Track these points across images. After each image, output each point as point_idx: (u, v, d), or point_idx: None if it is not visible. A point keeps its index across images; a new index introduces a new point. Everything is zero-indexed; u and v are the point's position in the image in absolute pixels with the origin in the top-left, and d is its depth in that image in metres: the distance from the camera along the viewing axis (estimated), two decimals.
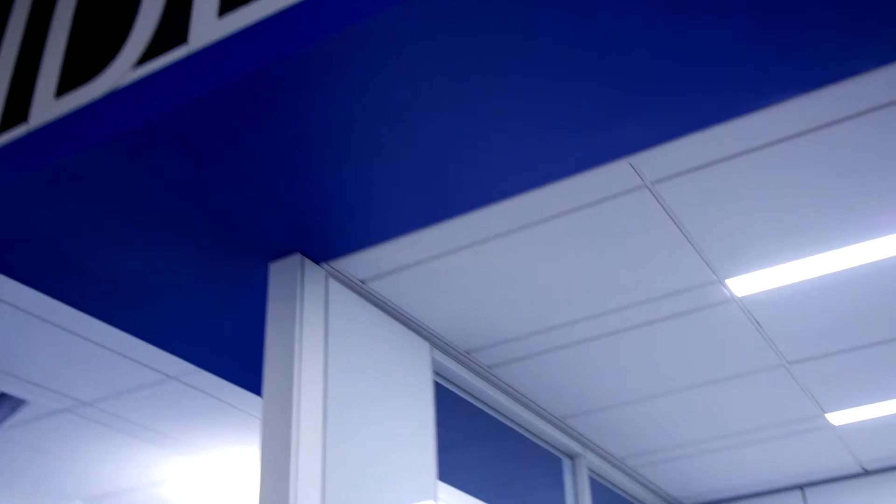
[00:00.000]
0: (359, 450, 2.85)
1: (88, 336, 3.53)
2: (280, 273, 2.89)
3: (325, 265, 2.95)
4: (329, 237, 2.83)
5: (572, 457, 4.36)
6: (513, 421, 4.01)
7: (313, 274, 2.90)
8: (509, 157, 2.51)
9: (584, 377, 3.78)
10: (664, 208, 2.81)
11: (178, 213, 2.67)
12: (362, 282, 3.07)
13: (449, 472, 4.00)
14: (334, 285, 2.98)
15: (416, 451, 3.13)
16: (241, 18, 2.28)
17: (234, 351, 3.42)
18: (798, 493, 5.04)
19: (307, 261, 2.89)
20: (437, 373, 3.48)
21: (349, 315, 3.02)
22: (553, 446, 4.28)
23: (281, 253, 2.88)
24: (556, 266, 3.06)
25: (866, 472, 4.93)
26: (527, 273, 3.09)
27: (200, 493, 5.23)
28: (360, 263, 2.97)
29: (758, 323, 3.44)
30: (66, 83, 2.60)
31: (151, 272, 2.96)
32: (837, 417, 4.25)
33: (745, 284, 3.21)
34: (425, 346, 3.38)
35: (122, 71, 2.46)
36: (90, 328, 3.41)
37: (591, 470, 4.45)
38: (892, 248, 3.04)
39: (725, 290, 3.23)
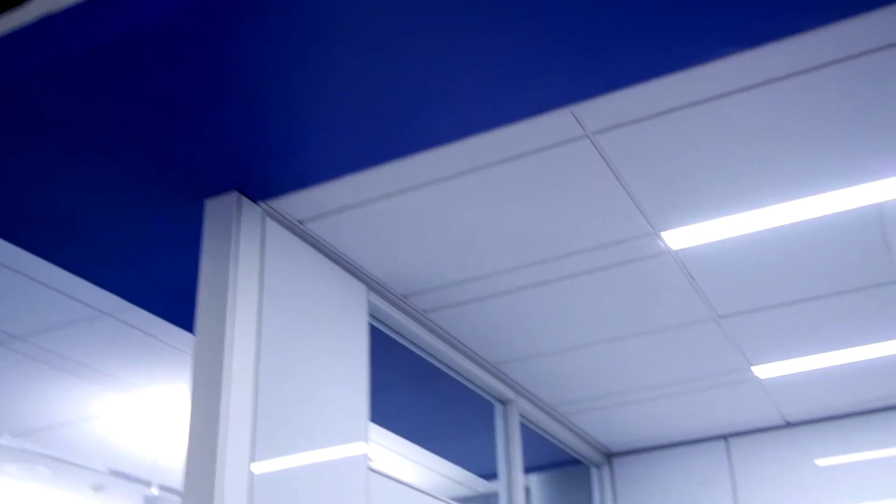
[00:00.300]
0: (291, 390, 2.85)
1: (21, 269, 3.47)
2: (216, 211, 2.85)
3: (262, 204, 2.92)
4: (266, 176, 2.80)
5: (504, 402, 4.42)
6: (447, 366, 4.04)
7: (250, 212, 2.88)
8: (450, 103, 2.50)
9: (519, 324, 3.82)
10: (604, 159, 2.83)
11: (113, 147, 2.62)
12: (300, 222, 3.05)
13: (382, 414, 4.04)
14: (271, 225, 2.95)
15: (349, 393, 3.15)
16: None
17: (168, 288, 3.39)
18: (722, 443, 5.18)
19: (244, 199, 2.86)
20: (372, 316, 3.49)
21: (286, 255, 3.00)
22: (486, 392, 4.33)
23: (217, 190, 2.85)
24: (494, 213, 3.07)
25: (788, 425, 5.08)
26: (465, 219, 3.10)
27: (133, 429, 5.21)
28: (298, 203, 2.95)
29: (691, 276, 3.50)
30: None
31: (86, 207, 2.90)
32: (763, 371, 4.36)
33: (680, 237, 3.25)
34: (362, 288, 3.38)
35: None
36: (23, 262, 3.35)
37: (522, 416, 4.52)
38: (825, 206, 3.10)
39: (661, 243, 3.27)
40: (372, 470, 3.18)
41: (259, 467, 2.63)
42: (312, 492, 2.84)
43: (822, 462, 4.96)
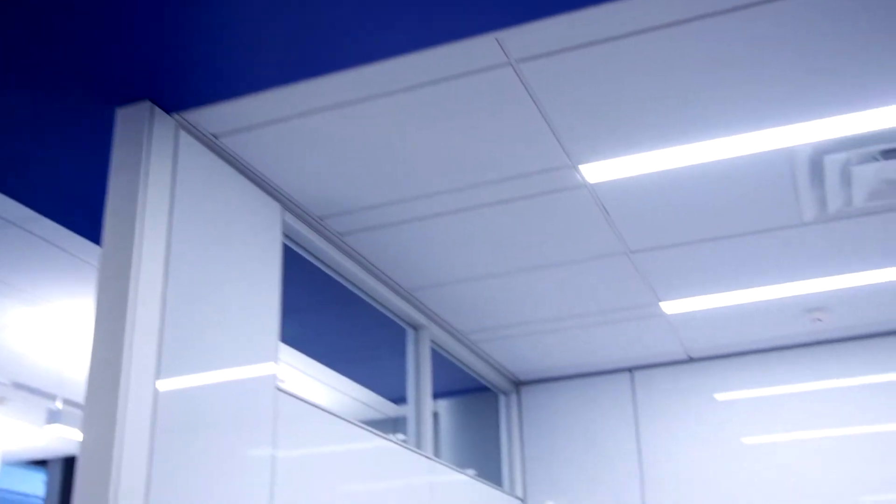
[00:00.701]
0: (199, 307, 2.82)
1: None
2: (127, 120, 2.76)
3: (175, 115, 2.84)
4: (182, 86, 2.71)
5: (416, 328, 4.45)
6: (361, 290, 4.04)
7: (163, 124, 2.79)
8: (375, 21, 2.45)
9: (433, 251, 3.83)
10: (526, 88, 2.81)
11: (18, 46, 2.50)
12: (215, 136, 2.98)
13: (294, 335, 4.03)
14: (185, 137, 2.88)
15: (260, 313, 3.12)
16: None
17: (76, 199, 3.29)
18: (627, 375, 5.32)
19: (157, 109, 2.78)
20: (287, 236, 3.45)
21: (199, 170, 2.93)
22: (398, 317, 4.35)
23: (129, 99, 2.76)
24: (413, 137, 3.04)
25: (691, 360, 5.24)
26: (384, 142, 3.06)
27: (39, 342, 5.11)
28: (213, 117, 2.87)
29: (606, 210, 3.54)
30: None
31: None
32: (670, 306, 4.47)
33: (597, 171, 3.28)
34: (277, 208, 3.33)
35: None
36: None
37: (433, 342, 4.56)
38: (739, 148, 3.15)
39: (578, 176, 3.29)
40: (280, 390, 3.18)
41: (164, 384, 2.60)
42: (218, 410, 2.83)
43: (721, 397, 5.13)
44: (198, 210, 2.88)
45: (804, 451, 4.90)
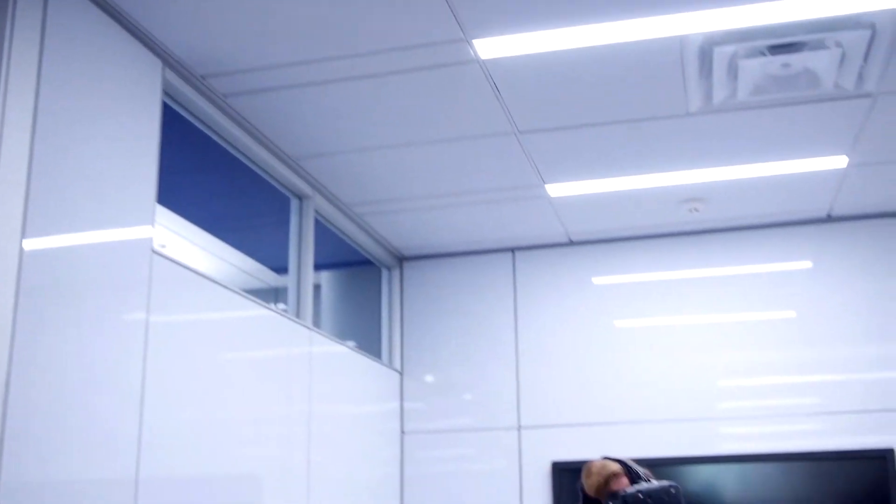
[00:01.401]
0: (70, 165, 2.69)
1: None
2: None
3: None
4: None
5: (300, 198, 4.39)
6: (245, 155, 3.94)
7: None
8: None
9: (320, 119, 3.74)
10: None
11: None
12: None
13: (173, 198, 3.91)
14: None
15: (136, 173, 3.01)
16: None
17: None
18: (509, 255, 5.40)
19: None
20: (167, 94, 3.31)
21: (72, 19, 2.75)
22: (283, 185, 4.27)
23: None
24: None
25: (572, 243, 5.34)
26: (273, 0, 2.93)
27: None
28: None
29: (497, 88, 3.50)
30: None
31: None
32: (555, 189, 4.51)
33: (491, 47, 3.22)
34: (157, 64, 3.18)
35: None
36: None
37: (317, 212, 4.51)
38: (633, 32, 3.14)
39: (471, 50, 3.24)
40: (156, 253, 3.10)
41: (31, 244, 2.50)
42: (89, 272, 2.75)
43: (598, 280, 5.27)
44: (70, 61, 2.72)
45: (672, 336, 5.10)
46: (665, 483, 2.71)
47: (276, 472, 3.83)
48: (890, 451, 4.65)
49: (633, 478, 2.78)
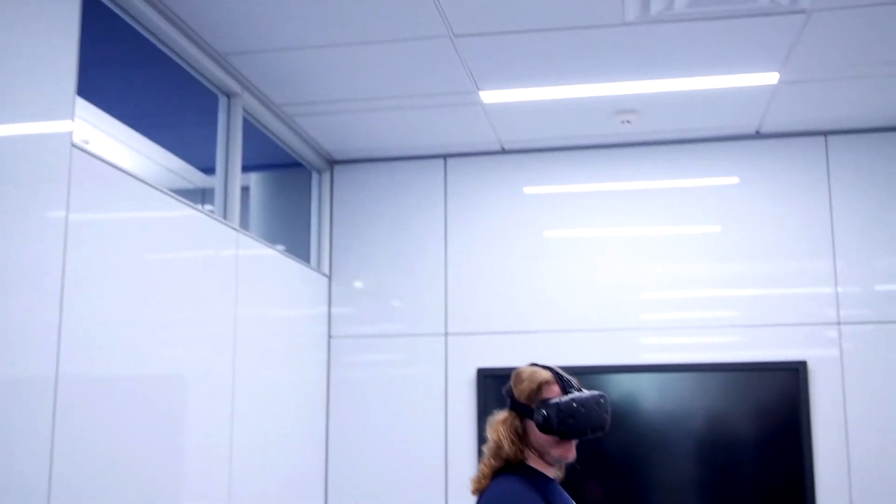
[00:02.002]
0: None
1: None
2: None
3: None
4: None
5: (229, 96, 4.28)
6: (172, 50, 3.81)
7: None
8: None
9: (250, 14, 3.62)
10: None
11: None
12: None
13: (96, 91, 3.77)
14: None
15: (54, 64, 2.89)
16: None
17: None
18: (440, 162, 5.37)
19: None
20: None
21: None
22: (211, 82, 4.15)
23: None
24: None
25: (504, 151, 5.32)
26: None
27: None
28: None
29: None
30: None
31: None
32: (489, 96, 4.47)
33: None
34: None
35: None
36: None
37: (247, 112, 4.41)
38: None
39: None
40: (76, 147, 3.00)
41: None
42: (5, 165, 2.64)
43: (529, 190, 5.28)
44: None
45: (599, 247, 5.16)
46: (595, 392, 2.74)
47: (200, 374, 3.81)
48: (803, 363, 4.82)
49: (565, 386, 2.80)
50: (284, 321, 4.77)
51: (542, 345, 5.08)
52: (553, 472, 2.76)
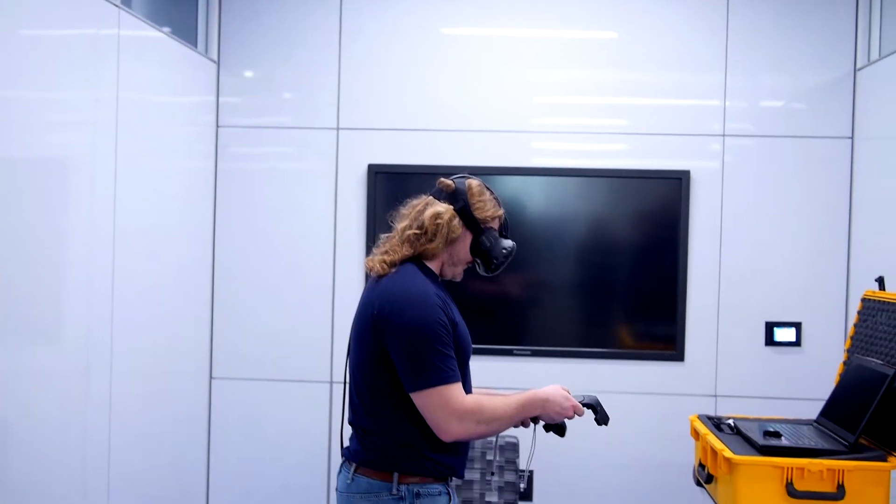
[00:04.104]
0: None
1: None
2: None
3: None
4: None
5: None
6: None
7: None
8: None
9: None
10: None
11: None
12: None
13: None
14: None
15: None
16: None
17: None
18: None
19: None
20: None
21: None
22: None
23: None
24: None
25: None
26: None
27: None
28: None
29: None
30: None
31: None
32: None
33: None
34: None
35: None
36: None
37: None
38: None
39: None
40: None
41: None
42: None
43: None
44: None
45: (495, 47, 5.08)
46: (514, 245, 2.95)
47: (81, 159, 3.67)
48: (686, 172, 4.96)
49: (503, 227, 2.96)
50: (169, 108, 4.60)
51: (434, 143, 5.07)
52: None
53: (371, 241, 5.05)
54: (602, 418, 2.85)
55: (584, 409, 2.81)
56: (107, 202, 3.87)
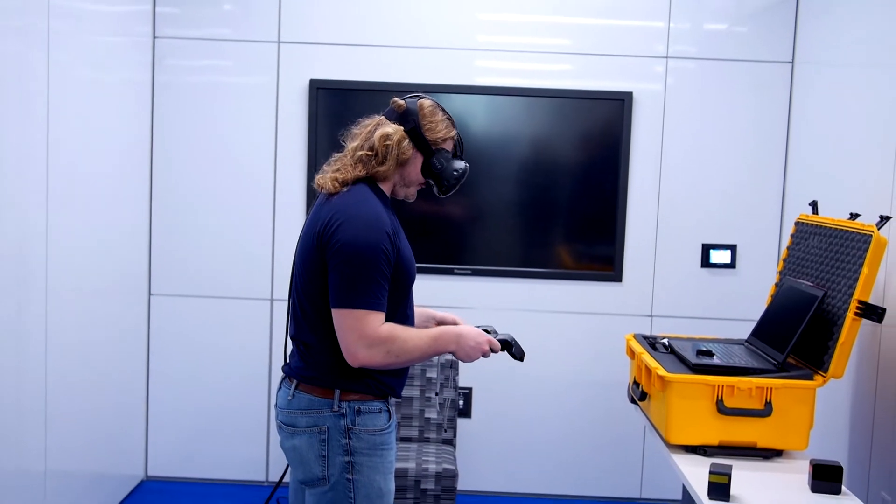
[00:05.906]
0: None
1: None
2: None
3: None
4: None
5: None
6: None
7: None
8: None
9: None
10: None
11: None
12: None
13: None
14: None
15: None
16: None
17: None
18: None
19: None
20: None
21: None
22: None
23: None
24: None
25: None
26: None
27: None
28: None
29: None
30: None
31: None
32: None
33: None
34: None
35: None
36: None
37: None
38: None
39: None
40: None
41: None
42: None
43: None
44: None
45: None
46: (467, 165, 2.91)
47: (10, 71, 3.55)
48: (629, 94, 4.97)
49: (457, 148, 2.97)
50: (102, 16, 4.44)
51: (377, 59, 5.00)
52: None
53: (313, 159, 5.00)
54: (517, 353, 2.88)
55: (500, 345, 2.82)
56: (40, 112, 3.76)
